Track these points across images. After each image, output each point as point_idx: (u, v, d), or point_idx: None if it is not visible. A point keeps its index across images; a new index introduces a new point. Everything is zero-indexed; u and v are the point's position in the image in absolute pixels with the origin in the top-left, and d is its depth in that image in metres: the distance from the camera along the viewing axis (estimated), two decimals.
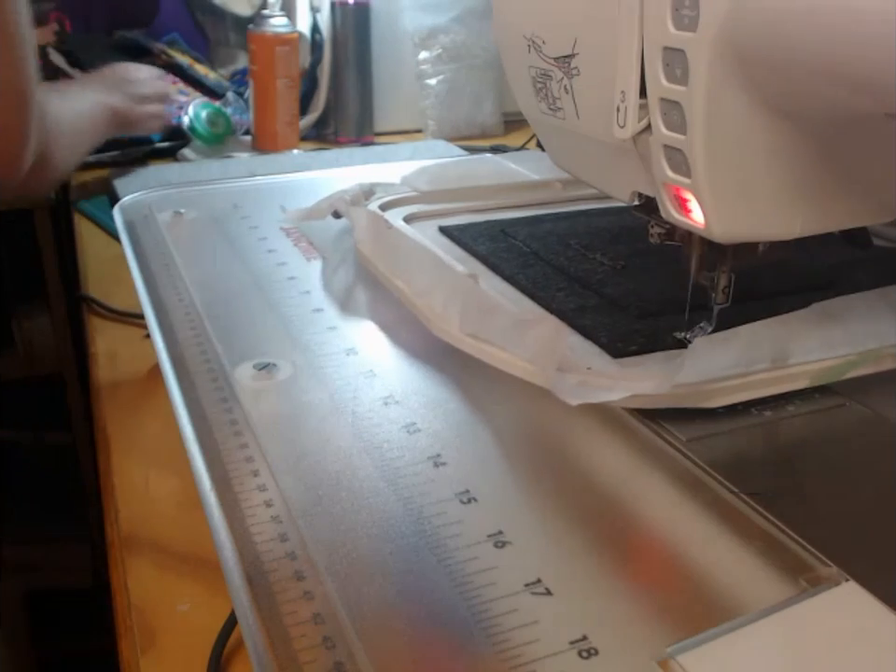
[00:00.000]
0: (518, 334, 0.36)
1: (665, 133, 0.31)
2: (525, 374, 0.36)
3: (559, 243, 0.51)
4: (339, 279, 0.49)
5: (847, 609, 0.25)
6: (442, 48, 1.14)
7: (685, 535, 0.29)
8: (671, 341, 0.39)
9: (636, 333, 0.40)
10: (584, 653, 0.24)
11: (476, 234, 0.53)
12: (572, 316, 0.42)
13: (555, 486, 0.32)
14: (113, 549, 0.43)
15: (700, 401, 0.34)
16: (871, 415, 0.36)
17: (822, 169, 0.32)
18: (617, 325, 0.41)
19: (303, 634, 0.24)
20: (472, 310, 0.38)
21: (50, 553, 1.36)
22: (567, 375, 0.35)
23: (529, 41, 0.38)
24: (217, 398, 0.37)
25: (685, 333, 0.38)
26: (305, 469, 0.32)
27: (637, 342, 0.39)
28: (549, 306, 0.43)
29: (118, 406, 0.55)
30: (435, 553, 0.28)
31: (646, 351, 0.39)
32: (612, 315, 0.42)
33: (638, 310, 0.42)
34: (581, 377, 0.35)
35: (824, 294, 0.38)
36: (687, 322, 0.39)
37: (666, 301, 0.42)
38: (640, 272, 0.46)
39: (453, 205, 0.58)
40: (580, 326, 0.41)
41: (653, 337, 0.39)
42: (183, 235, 0.58)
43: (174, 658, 0.36)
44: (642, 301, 0.42)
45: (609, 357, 0.38)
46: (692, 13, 0.28)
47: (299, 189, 0.68)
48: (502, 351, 0.37)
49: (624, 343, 0.39)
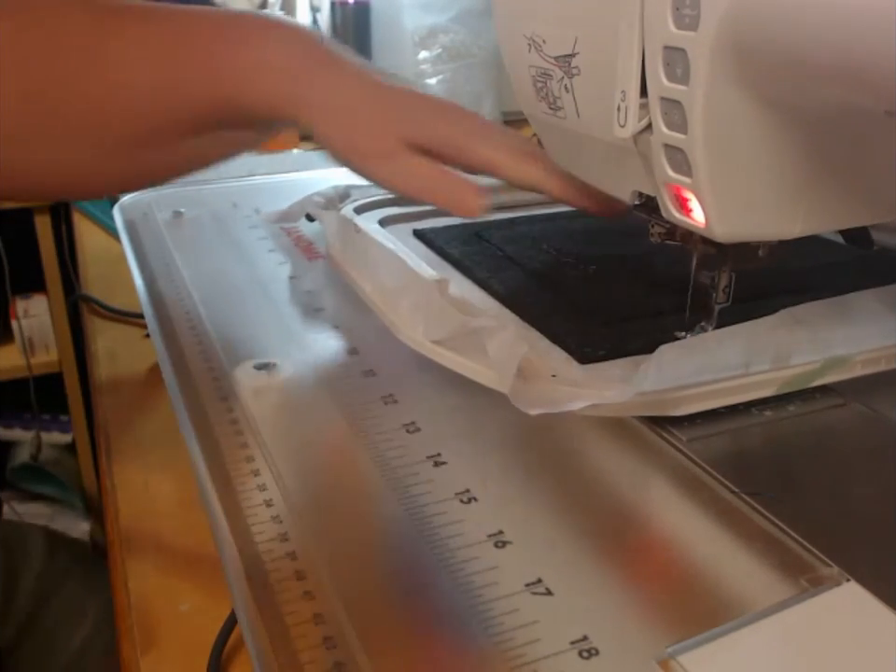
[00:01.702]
0: (480, 341, 0.36)
1: (666, 132, 0.31)
2: (490, 382, 0.36)
3: (532, 246, 0.50)
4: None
5: (847, 610, 0.25)
6: (442, 47, 1.14)
7: (686, 535, 0.29)
8: (639, 346, 0.38)
9: (604, 339, 0.39)
10: (585, 653, 0.24)
11: (450, 238, 0.52)
12: (541, 321, 0.41)
13: (556, 486, 0.32)
14: (113, 549, 0.43)
15: (665, 410, 0.34)
16: (871, 415, 0.36)
17: (823, 168, 0.32)
18: (586, 330, 0.40)
19: (304, 634, 0.24)
20: (437, 317, 0.38)
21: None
22: (530, 383, 0.34)
23: (529, 40, 0.38)
24: (216, 397, 0.37)
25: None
26: (305, 469, 0.32)
27: (605, 347, 0.39)
28: (519, 310, 0.43)
29: (118, 405, 0.55)
30: (435, 553, 0.28)
31: (614, 356, 0.38)
32: (582, 319, 0.41)
33: (608, 315, 0.41)
34: (545, 385, 0.34)
35: (799, 298, 0.38)
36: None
37: (636, 306, 0.42)
38: (612, 276, 0.46)
39: (429, 208, 0.57)
40: (548, 331, 0.41)
41: (622, 342, 0.39)
42: (183, 235, 0.58)
43: (174, 658, 0.35)
44: (612, 306, 0.42)
45: (577, 362, 0.38)
46: (692, 12, 0.27)
47: (299, 189, 0.68)
48: (467, 358, 0.37)
49: (592, 348, 0.38)
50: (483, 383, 0.36)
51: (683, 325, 0.40)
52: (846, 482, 0.32)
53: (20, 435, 1.51)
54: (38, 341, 1.41)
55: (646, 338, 0.39)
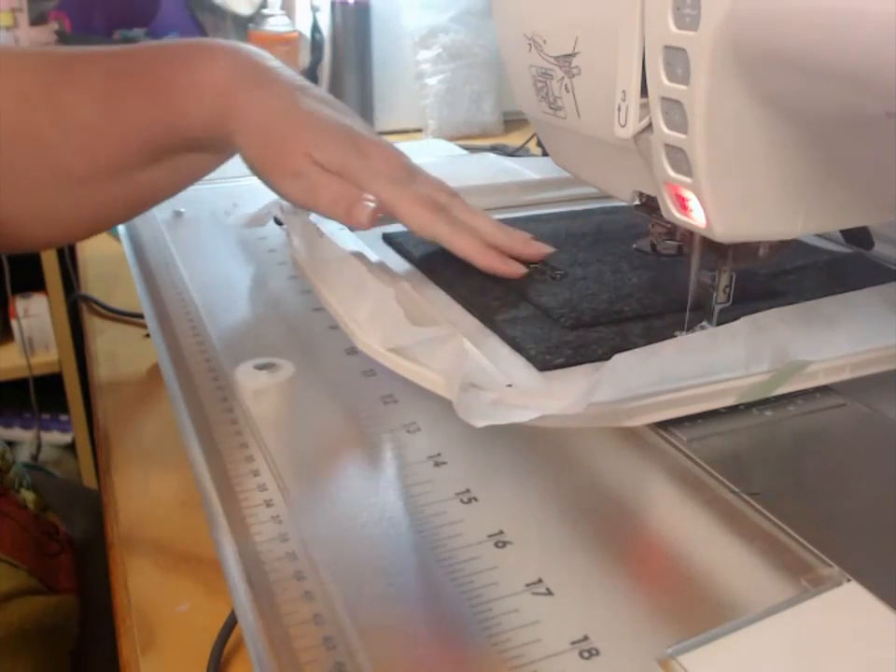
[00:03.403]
0: (433, 351, 0.35)
1: (666, 132, 0.31)
2: (445, 392, 0.35)
3: None
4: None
5: (848, 610, 0.25)
6: (442, 47, 1.14)
7: (686, 535, 0.29)
8: (601, 353, 0.38)
9: (565, 345, 0.39)
10: (585, 653, 0.24)
11: (419, 241, 0.51)
12: (504, 327, 0.41)
13: (556, 486, 0.32)
14: (113, 549, 0.43)
15: (619, 421, 0.33)
16: (871, 415, 0.36)
17: (823, 168, 0.32)
18: (548, 336, 0.40)
19: (303, 634, 0.24)
20: (394, 325, 0.37)
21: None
22: (484, 393, 0.33)
23: (530, 40, 0.38)
24: (217, 397, 0.37)
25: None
26: (305, 469, 0.32)
27: (565, 354, 0.38)
28: (482, 316, 0.43)
29: (118, 406, 0.55)
30: (435, 553, 0.28)
31: (573, 364, 0.38)
32: (545, 325, 0.41)
33: (572, 321, 0.41)
34: (498, 395, 0.33)
35: (767, 303, 0.37)
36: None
37: (600, 313, 0.41)
38: (579, 281, 0.45)
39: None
40: (509, 337, 0.40)
41: (582, 349, 0.38)
42: (183, 235, 0.58)
43: (174, 658, 0.35)
44: (576, 312, 0.41)
45: (536, 370, 0.38)
46: (693, 12, 0.27)
47: None
48: (423, 367, 0.36)
49: (552, 355, 0.38)
50: (439, 392, 0.35)
51: (649, 331, 0.40)
52: (846, 482, 0.32)
53: (20, 435, 1.51)
54: (38, 340, 1.41)
55: (609, 344, 0.39)
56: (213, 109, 0.45)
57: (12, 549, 0.51)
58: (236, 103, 0.45)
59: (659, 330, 0.40)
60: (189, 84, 0.45)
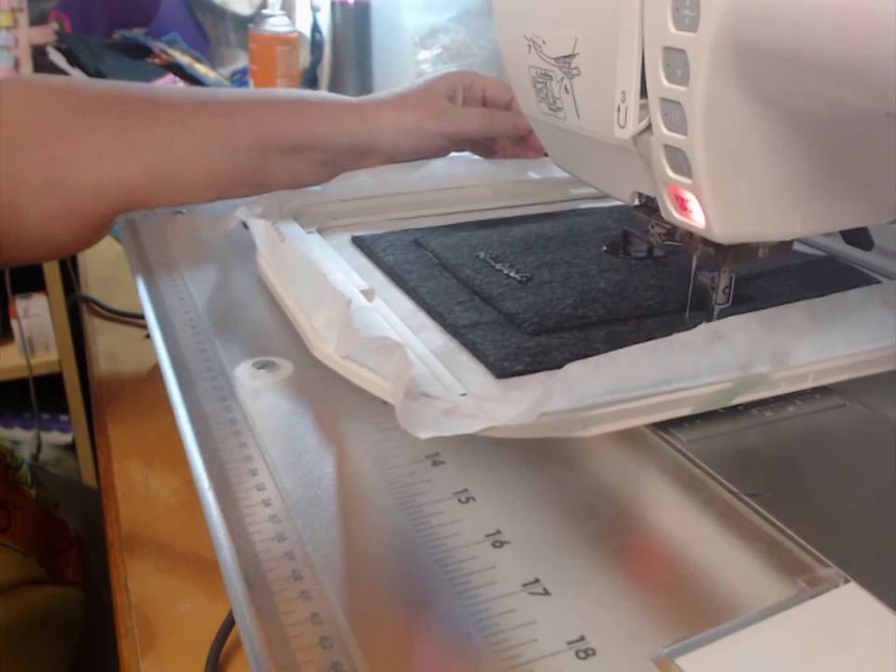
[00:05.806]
0: (383, 360, 0.35)
1: (666, 133, 0.31)
2: (395, 401, 0.33)
3: (469, 254, 0.49)
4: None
5: (847, 610, 0.25)
6: (442, 47, 1.14)
7: (684, 535, 0.29)
8: (561, 359, 0.37)
9: (525, 352, 0.38)
10: (582, 654, 0.24)
11: (387, 244, 0.51)
12: (464, 332, 0.40)
13: (554, 486, 0.32)
14: (113, 549, 0.43)
15: (572, 431, 0.32)
16: (871, 415, 0.36)
17: (823, 169, 0.32)
18: (508, 342, 0.39)
19: (301, 633, 0.24)
20: (347, 333, 0.37)
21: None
22: (437, 402, 0.33)
23: (529, 41, 0.38)
24: (216, 397, 0.37)
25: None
26: (304, 468, 0.32)
27: (524, 360, 0.37)
28: (442, 321, 0.42)
29: (118, 406, 0.55)
30: (433, 553, 0.28)
31: (531, 371, 0.37)
32: (506, 331, 0.40)
33: (534, 326, 0.40)
34: (450, 405, 0.33)
35: (732, 308, 0.36)
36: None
37: (563, 318, 0.41)
38: (544, 285, 0.45)
39: (370, 218, 0.57)
40: (469, 343, 0.39)
41: (542, 356, 0.38)
42: (183, 235, 0.58)
43: (174, 658, 0.35)
44: (539, 317, 0.41)
45: (493, 377, 0.37)
46: (692, 13, 0.27)
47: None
48: (374, 375, 0.36)
49: (511, 362, 0.37)
50: (391, 401, 0.34)
51: (612, 337, 0.39)
52: (845, 482, 0.32)
53: (20, 435, 1.51)
54: (38, 341, 1.41)
55: (571, 351, 0.38)
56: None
57: (24, 539, 0.52)
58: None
59: (622, 336, 0.39)
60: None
